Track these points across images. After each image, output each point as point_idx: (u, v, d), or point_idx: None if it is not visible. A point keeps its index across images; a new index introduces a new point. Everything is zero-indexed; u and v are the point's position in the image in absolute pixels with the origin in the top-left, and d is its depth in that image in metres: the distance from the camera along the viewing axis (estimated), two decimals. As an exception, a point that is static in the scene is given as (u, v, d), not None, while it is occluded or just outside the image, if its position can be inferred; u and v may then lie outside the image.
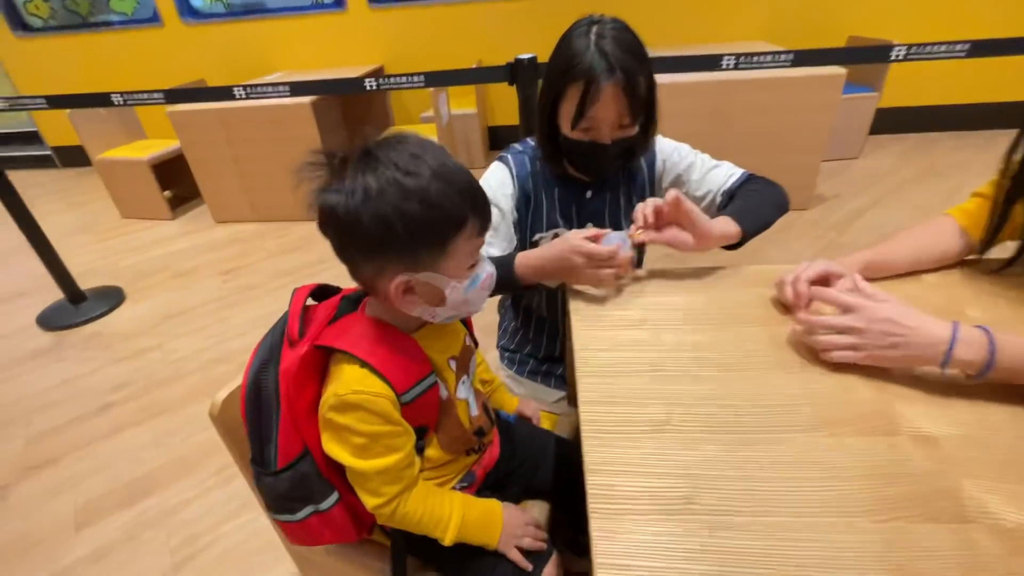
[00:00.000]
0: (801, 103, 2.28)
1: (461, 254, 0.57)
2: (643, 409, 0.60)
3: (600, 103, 0.79)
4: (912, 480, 0.50)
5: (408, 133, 0.57)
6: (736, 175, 0.94)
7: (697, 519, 0.48)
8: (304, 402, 0.60)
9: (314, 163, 0.55)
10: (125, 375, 1.86)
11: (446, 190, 0.53)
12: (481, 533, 0.67)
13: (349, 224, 0.53)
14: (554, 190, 0.96)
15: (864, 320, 0.60)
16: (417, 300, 0.59)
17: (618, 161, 0.89)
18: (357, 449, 0.58)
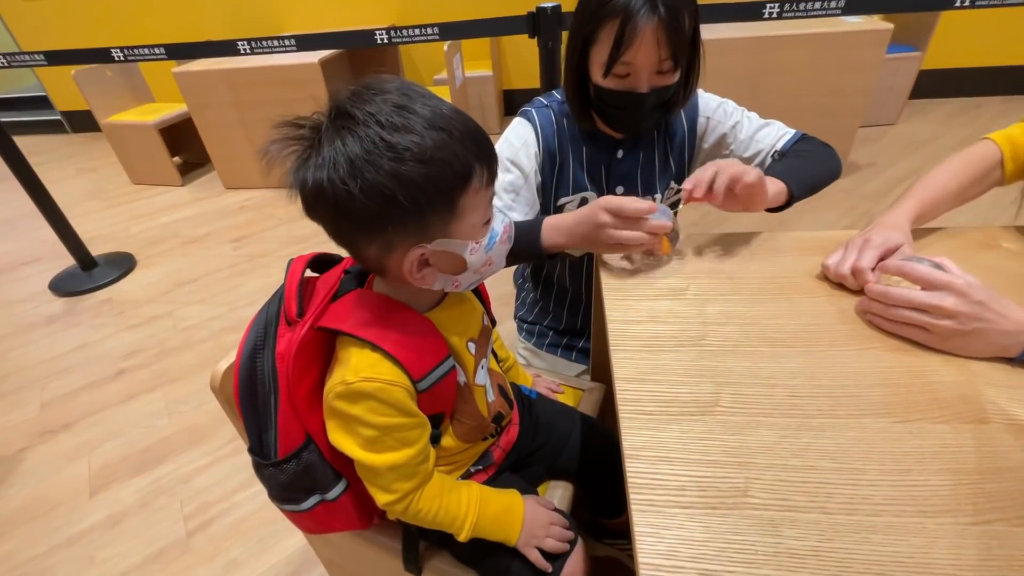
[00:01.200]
0: (842, 62, 2.12)
1: (473, 210, 0.49)
2: (688, 388, 0.54)
3: (639, 44, 0.69)
4: (1009, 476, 0.43)
5: (385, 78, 0.47)
6: (788, 135, 0.85)
7: (755, 515, 0.42)
8: (305, 387, 0.54)
9: (282, 138, 0.46)
10: (137, 342, 1.84)
11: (445, 140, 0.45)
12: (499, 531, 0.62)
13: (339, 203, 0.44)
14: (582, 149, 0.87)
15: (955, 301, 0.52)
16: (434, 272, 0.52)
17: (655, 114, 0.79)
18: (367, 442, 0.52)
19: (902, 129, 2.85)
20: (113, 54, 1.63)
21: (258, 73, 2.54)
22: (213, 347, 1.79)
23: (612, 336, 0.61)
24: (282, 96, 2.60)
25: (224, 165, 2.91)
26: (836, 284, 0.66)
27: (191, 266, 2.28)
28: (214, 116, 2.71)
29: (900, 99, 2.83)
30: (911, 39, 2.73)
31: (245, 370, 0.55)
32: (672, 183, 0.91)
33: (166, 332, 1.88)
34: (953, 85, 3.10)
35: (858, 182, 2.40)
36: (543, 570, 0.62)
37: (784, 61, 2.15)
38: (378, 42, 1.51)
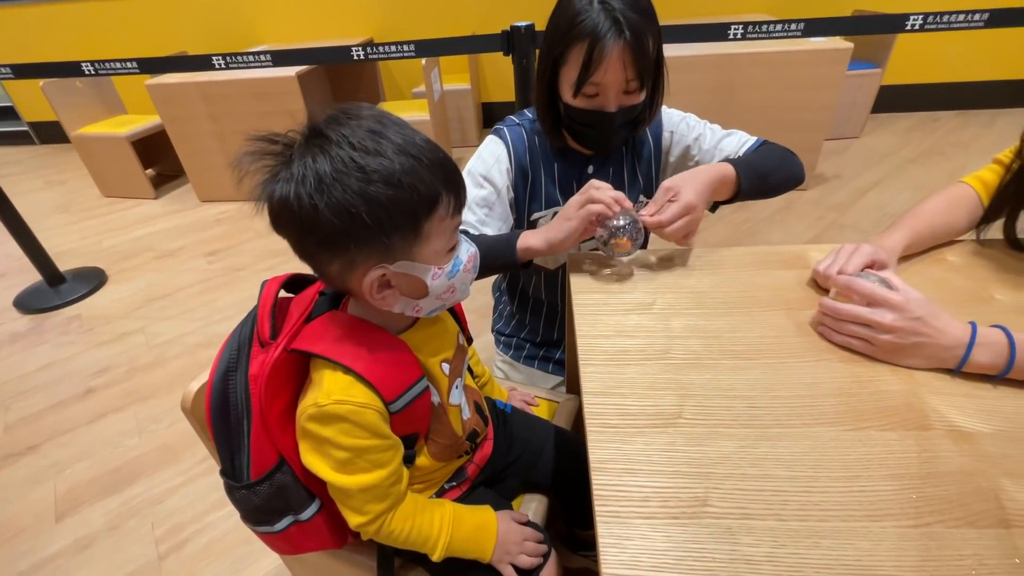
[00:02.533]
0: (806, 78, 2.21)
1: (438, 236, 0.51)
2: (652, 401, 0.56)
3: (606, 66, 0.72)
4: (947, 480, 0.46)
5: (362, 105, 0.49)
6: (750, 142, 0.89)
7: (713, 523, 0.44)
8: (277, 409, 0.54)
9: (255, 151, 0.47)
10: (107, 359, 1.80)
11: (413, 166, 0.46)
12: (473, 549, 0.62)
13: (306, 218, 0.45)
14: (553, 165, 0.90)
15: (894, 317, 0.56)
16: (395, 294, 0.52)
17: (623, 132, 0.82)
18: (339, 464, 0.52)
19: (865, 142, 2.97)
20: (84, 68, 1.61)
21: (234, 86, 2.52)
22: (187, 363, 1.76)
23: (581, 350, 0.63)
24: (259, 109, 2.59)
25: (199, 178, 2.87)
26: (794, 297, 0.69)
27: (164, 280, 2.24)
28: (189, 128, 2.68)
29: (863, 113, 2.95)
30: (872, 57, 2.85)
31: (217, 392, 0.55)
32: (641, 196, 0.94)
33: (138, 349, 1.84)
34: (912, 100, 3.24)
35: (825, 193, 2.49)
36: None
37: (752, 78, 2.23)
38: (354, 58, 1.52)
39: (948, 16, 1.29)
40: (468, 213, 0.86)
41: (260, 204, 0.48)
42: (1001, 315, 0.62)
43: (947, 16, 1.28)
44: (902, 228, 0.72)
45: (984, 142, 2.85)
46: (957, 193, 0.75)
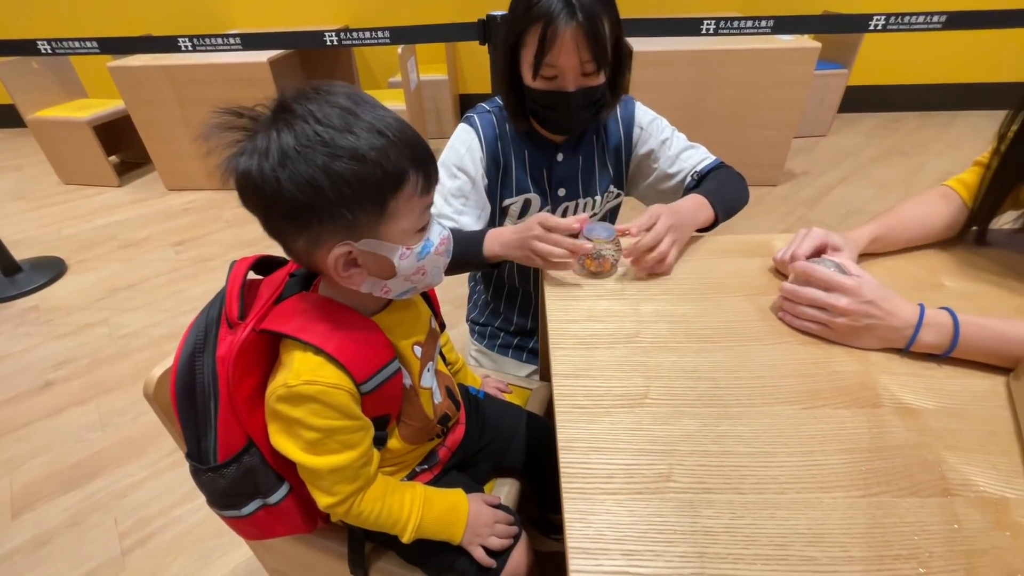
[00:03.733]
0: (776, 76, 2.26)
1: (405, 215, 0.50)
2: (620, 382, 0.57)
3: (560, 47, 0.74)
4: (894, 453, 0.48)
5: (336, 83, 0.49)
6: (709, 160, 0.92)
7: (675, 497, 0.46)
8: (246, 390, 0.54)
9: (222, 124, 0.46)
10: (67, 351, 1.74)
11: (381, 144, 0.46)
12: (443, 531, 0.63)
13: (269, 191, 0.45)
14: (524, 152, 0.91)
15: (848, 301, 0.58)
16: (362, 273, 0.52)
17: (584, 114, 0.82)
18: (309, 444, 0.52)
19: (832, 140, 3.06)
20: (39, 46, 1.54)
21: (203, 71, 2.44)
22: (153, 355, 1.71)
23: (552, 334, 0.64)
24: (229, 95, 2.45)
25: (166, 165, 2.78)
26: (757, 283, 0.71)
27: (129, 271, 2.17)
28: (155, 114, 2.59)
29: (830, 112, 3.04)
30: (839, 57, 2.94)
31: (183, 374, 0.54)
32: (611, 186, 0.96)
33: (100, 340, 1.78)
34: (876, 101, 3.35)
35: (793, 189, 2.56)
36: (487, 567, 0.63)
37: (724, 74, 2.27)
38: (328, 44, 1.49)
39: (909, 17, 1.33)
40: (445, 205, 0.86)
41: (227, 177, 0.47)
42: (949, 300, 0.65)
43: (908, 17, 1.33)
44: (874, 224, 0.73)
45: (942, 142, 2.97)
46: (936, 194, 0.76)
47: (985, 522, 0.43)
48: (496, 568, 0.64)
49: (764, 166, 2.54)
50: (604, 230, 0.71)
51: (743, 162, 2.87)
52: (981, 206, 0.71)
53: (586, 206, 0.95)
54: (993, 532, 0.42)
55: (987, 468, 0.47)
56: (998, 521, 0.43)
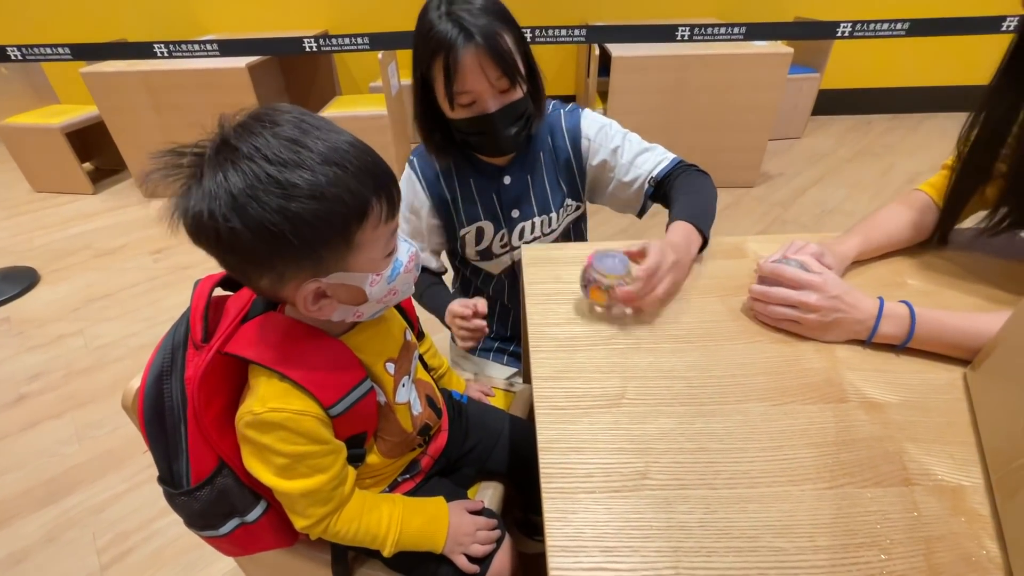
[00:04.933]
0: (751, 80, 2.31)
1: (372, 245, 0.48)
2: (598, 384, 0.58)
3: (466, 72, 0.73)
4: (859, 446, 0.50)
5: (280, 108, 0.45)
6: (666, 161, 0.89)
7: (652, 494, 0.47)
8: (213, 412, 0.53)
9: (162, 168, 0.44)
10: (41, 364, 1.70)
11: (339, 175, 0.43)
12: (424, 542, 0.63)
13: (223, 236, 0.42)
14: (469, 181, 0.90)
15: (817, 297, 0.61)
16: (332, 304, 0.51)
17: (513, 130, 0.81)
18: (279, 469, 0.51)
19: (806, 142, 3.14)
20: (9, 52, 1.51)
21: (180, 76, 2.41)
22: (130, 366, 1.68)
23: (532, 337, 0.65)
24: (207, 101, 2.48)
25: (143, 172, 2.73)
26: (730, 284, 0.73)
27: (104, 280, 2.12)
28: (130, 120, 2.55)
29: (804, 115, 3.12)
30: (811, 62, 3.02)
31: (151, 397, 0.52)
32: (567, 200, 0.95)
33: (75, 352, 1.74)
34: (847, 104, 3.45)
35: (769, 190, 2.62)
36: (471, 574, 0.64)
37: (701, 79, 2.31)
38: (307, 50, 1.49)
39: (874, 24, 1.38)
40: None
41: (175, 221, 0.44)
42: (911, 296, 0.67)
43: (873, 24, 1.38)
44: (856, 236, 0.75)
45: (910, 144, 3.07)
46: (911, 200, 0.78)
47: (942, 509, 0.45)
48: (480, 572, 0.65)
49: (741, 168, 2.59)
50: (613, 260, 0.64)
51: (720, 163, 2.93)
52: (947, 208, 0.73)
53: (543, 223, 0.95)
54: (950, 518, 0.44)
55: (945, 458, 0.49)
56: (955, 508, 0.45)
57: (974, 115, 0.68)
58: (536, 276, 0.77)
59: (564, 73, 3.42)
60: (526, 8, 3.24)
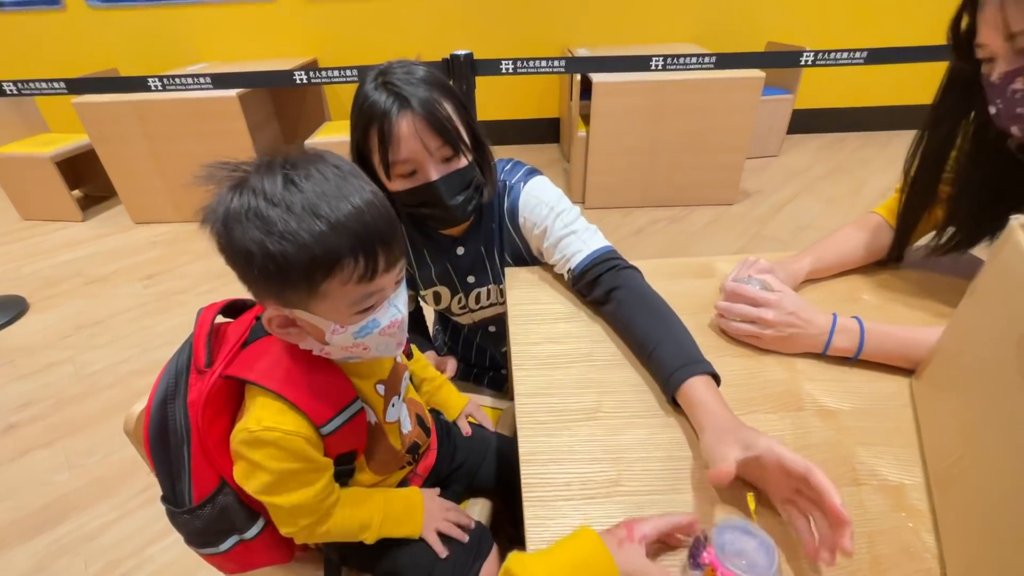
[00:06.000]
0: (725, 104, 2.41)
1: (338, 298, 0.50)
2: (576, 399, 0.62)
3: (399, 140, 0.70)
4: (814, 450, 0.55)
5: (321, 155, 0.50)
6: (584, 252, 0.78)
7: (623, 500, 0.51)
8: (216, 433, 0.56)
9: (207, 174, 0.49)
10: (31, 392, 1.70)
11: (314, 227, 0.46)
12: (405, 524, 0.67)
13: (219, 244, 0.49)
14: (423, 252, 0.91)
15: (774, 313, 0.66)
16: (302, 333, 0.54)
17: (461, 199, 0.77)
18: (267, 485, 0.54)
19: (783, 160, 3.25)
20: (5, 88, 1.55)
21: (173, 106, 2.46)
22: (122, 393, 1.68)
23: (515, 356, 0.69)
24: (199, 129, 2.53)
25: (133, 199, 2.76)
26: (698, 303, 0.78)
27: (95, 307, 2.13)
28: (121, 149, 2.58)
29: (779, 135, 3.23)
30: (784, 84, 3.14)
31: (155, 420, 0.55)
32: None
33: (65, 380, 1.74)
34: (821, 123, 3.58)
35: (749, 207, 2.70)
36: (439, 553, 0.67)
37: (678, 102, 2.41)
38: (297, 82, 1.55)
39: (834, 54, 1.47)
40: None
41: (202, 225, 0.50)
42: (865, 311, 0.73)
43: (833, 54, 1.47)
44: (810, 254, 0.81)
45: (881, 160, 3.19)
46: (867, 222, 0.84)
47: (886, 506, 0.49)
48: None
49: (721, 186, 2.68)
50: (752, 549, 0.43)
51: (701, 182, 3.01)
52: (899, 229, 0.79)
53: (495, 292, 0.96)
54: (892, 514, 0.49)
55: (890, 459, 0.54)
56: (897, 504, 0.49)
57: (916, 142, 0.74)
58: (518, 299, 0.81)
59: (548, 98, 3.52)
60: (508, 38, 3.37)
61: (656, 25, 3.30)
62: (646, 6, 3.26)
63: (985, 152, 0.68)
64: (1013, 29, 0.55)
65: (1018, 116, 0.59)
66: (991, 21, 0.57)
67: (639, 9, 3.26)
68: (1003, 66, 0.58)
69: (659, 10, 3.27)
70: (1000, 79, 0.58)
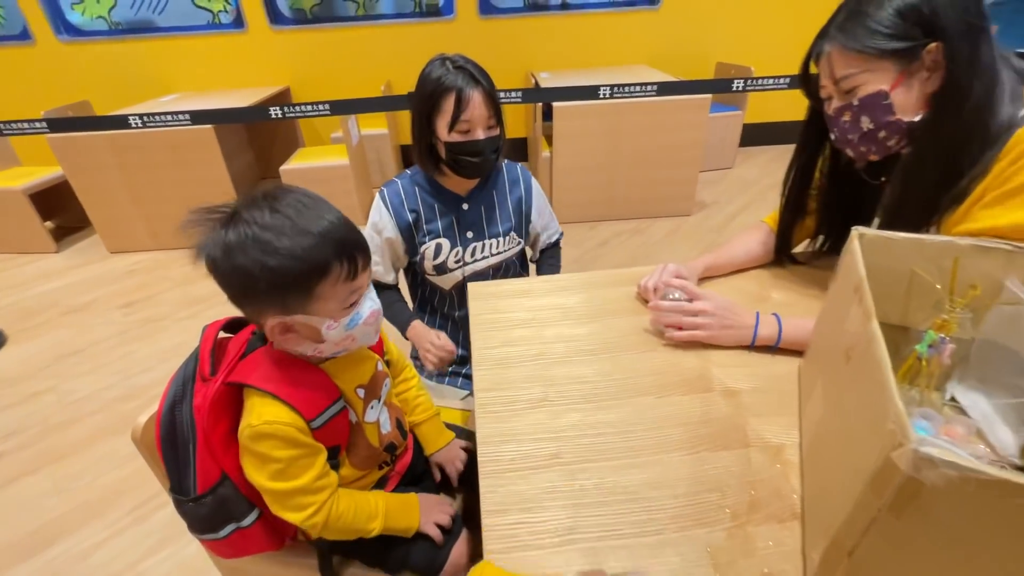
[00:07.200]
0: (675, 123, 2.60)
1: (330, 298, 0.62)
2: (526, 391, 0.74)
3: (472, 106, 0.98)
4: (716, 423, 0.68)
5: (288, 189, 0.62)
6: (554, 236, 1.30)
7: (562, 469, 0.62)
8: (219, 433, 0.66)
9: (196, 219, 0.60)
10: (15, 422, 1.73)
11: (304, 242, 0.58)
12: (404, 517, 0.76)
13: (219, 275, 0.59)
14: (434, 204, 1.12)
15: (711, 306, 0.79)
16: (297, 338, 0.64)
17: (491, 158, 1.06)
18: (274, 473, 0.64)
19: (737, 172, 3.46)
20: (-13, 129, 1.61)
21: (148, 138, 2.52)
22: (107, 418, 1.73)
23: (476, 358, 0.81)
24: (174, 159, 2.59)
25: (108, 229, 2.79)
26: (634, 306, 0.91)
27: (74, 337, 2.17)
28: (95, 180, 2.62)
29: (732, 148, 3.45)
30: (734, 101, 3.37)
31: (166, 422, 0.66)
32: (512, 233, 1.18)
33: (49, 408, 1.78)
34: (770, 135, 3.83)
35: (704, 218, 2.89)
36: (438, 543, 0.77)
37: (633, 123, 2.59)
38: (272, 117, 1.65)
39: (763, 80, 1.65)
40: (378, 265, 1.12)
41: (198, 262, 0.60)
42: (775, 307, 0.87)
43: (762, 80, 1.65)
44: (708, 255, 0.98)
45: (827, 169, 3.43)
46: (755, 230, 1.01)
47: (767, 461, 0.62)
48: (440, 559, 0.78)
49: (677, 199, 2.86)
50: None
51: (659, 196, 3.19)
52: (778, 237, 0.95)
53: (491, 246, 1.17)
54: (771, 467, 0.61)
55: (775, 426, 0.67)
56: (775, 459, 0.62)
57: (790, 164, 0.90)
58: (479, 309, 0.93)
59: (515, 119, 3.68)
60: (476, 61, 3.53)
61: (614, 49, 3.51)
62: (604, 32, 3.47)
63: (840, 172, 0.84)
64: (836, 75, 0.71)
65: (848, 141, 0.76)
66: (824, 69, 0.73)
67: (598, 35, 3.47)
68: (836, 103, 0.74)
69: (616, 36, 3.49)
70: (834, 113, 0.74)
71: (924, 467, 0.34)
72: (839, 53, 0.71)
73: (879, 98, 0.70)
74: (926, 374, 0.62)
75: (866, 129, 0.73)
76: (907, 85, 0.69)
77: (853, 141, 0.76)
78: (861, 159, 0.79)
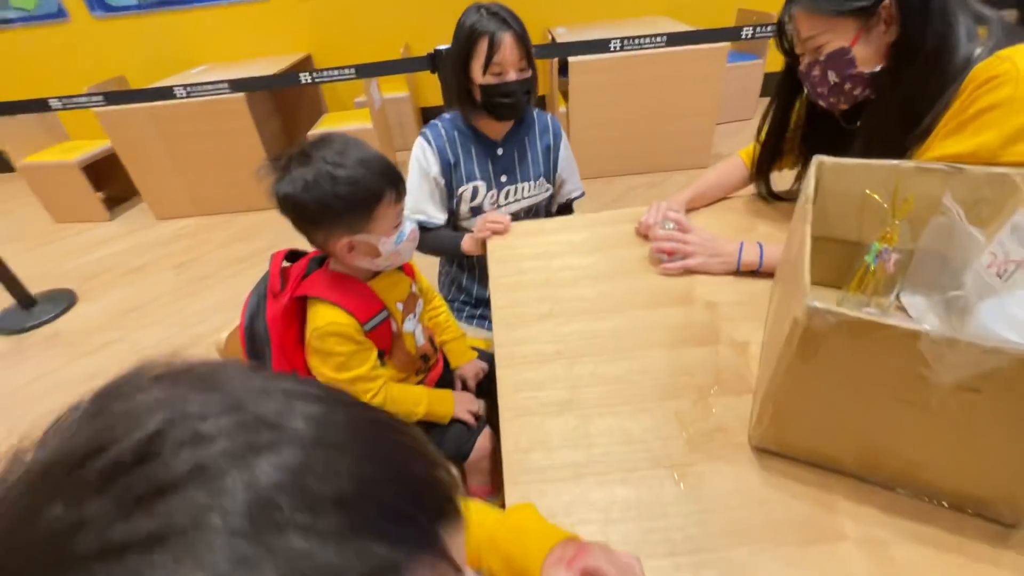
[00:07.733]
0: (693, 73, 2.61)
1: (385, 218, 0.78)
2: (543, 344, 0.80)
3: (504, 48, 1.05)
4: (695, 327, 0.80)
5: (333, 133, 0.78)
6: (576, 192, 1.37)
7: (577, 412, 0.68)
8: (290, 339, 0.83)
9: (266, 166, 0.76)
10: (95, 366, 1.98)
11: (365, 173, 0.74)
12: (443, 406, 0.94)
13: (298, 206, 0.74)
14: (471, 149, 1.21)
15: (698, 238, 0.91)
16: (359, 255, 0.80)
17: (524, 99, 1.13)
18: (338, 365, 0.82)
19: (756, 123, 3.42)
20: (51, 103, 1.78)
21: (184, 108, 2.67)
22: (173, 362, 1.95)
23: (495, 316, 0.88)
24: (208, 127, 2.75)
25: (155, 197, 3.00)
26: (637, 240, 1.02)
27: (135, 295, 2.40)
28: (141, 151, 2.81)
29: (752, 98, 3.41)
30: (754, 49, 3.31)
31: (248, 330, 0.84)
32: (541, 178, 1.28)
33: (124, 354, 2.02)
34: (794, 84, 3.74)
35: (721, 169, 2.91)
36: (471, 425, 0.95)
37: (648, 74, 2.61)
38: (302, 82, 1.77)
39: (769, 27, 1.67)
40: (430, 207, 1.20)
41: (272, 198, 0.76)
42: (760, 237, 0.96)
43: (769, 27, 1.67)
44: (689, 190, 1.09)
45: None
46: (728, 163, 1.13)
47: (733, 354, 0.74)
48: (468, 446, 0.95)
49: (694, 151, 2.89)
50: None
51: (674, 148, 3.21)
52: (756, 174, 1.04)
53: (523, 189, 1.26)
54: (736, 359, 0.74)
55: (744, 328, 0.79)
56: (741, 352, 0.75)
57: (765, 112, 0.99)
58: (495, 245, 1.06)
59: (532, 75, 3.70)
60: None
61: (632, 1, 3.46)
62: (619, -18, 3.41)
63: (819, 117, 0.92)
64: (803, 36, 0.79)
65: (820, 94, 0.84)
66: (796, 29, 0.80)
67: (613, -15, 3.42)
68: (807, 59, 0.82)
69: (632, -15, 3.43)
70: (805, 68, 0.83)
71: (815, 316, 0.46)
72: (804, 15, 0.79)
73: (842, 53, 0.78)
74: (874, 281, 0.73)
75: (833, 82, 0.81)
76: (866, 39, 0.77)
77: (824, 93, 0.84)
78: (833, 108, 0.87)
